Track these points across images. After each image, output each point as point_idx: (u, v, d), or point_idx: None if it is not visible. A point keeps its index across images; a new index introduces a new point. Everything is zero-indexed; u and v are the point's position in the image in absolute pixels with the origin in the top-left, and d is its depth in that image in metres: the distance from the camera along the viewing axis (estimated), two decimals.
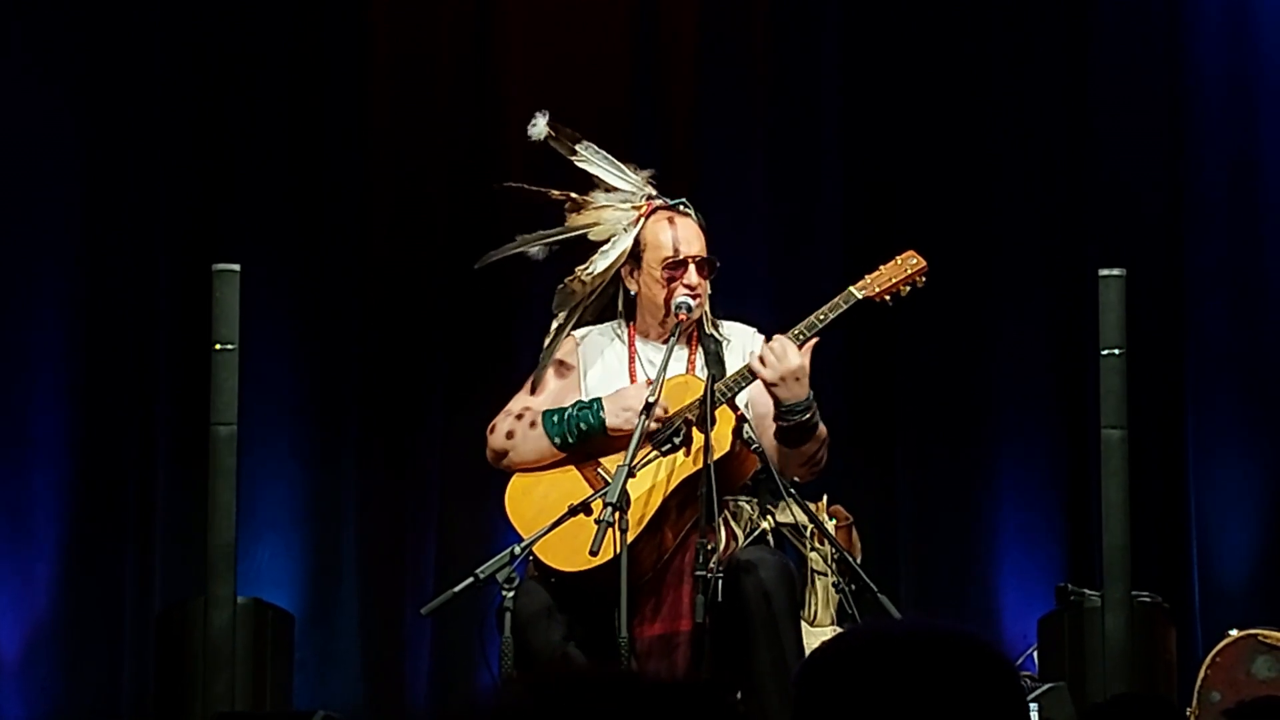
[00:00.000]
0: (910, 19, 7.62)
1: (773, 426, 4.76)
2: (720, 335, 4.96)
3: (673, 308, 4.87)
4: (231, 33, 7.44)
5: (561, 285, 5.07)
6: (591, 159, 5.07)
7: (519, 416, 4.89)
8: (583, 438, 4.80)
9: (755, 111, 7.64)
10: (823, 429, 4.76)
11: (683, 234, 4.96)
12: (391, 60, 7.57)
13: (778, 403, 4.67)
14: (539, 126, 5.08)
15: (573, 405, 4.84)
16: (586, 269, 5.03)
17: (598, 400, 4.81)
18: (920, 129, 7.59)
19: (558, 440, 4.81)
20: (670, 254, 4.93)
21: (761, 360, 4.66)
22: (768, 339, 4.80)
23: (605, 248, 5.03)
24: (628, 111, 7.54)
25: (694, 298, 4.89)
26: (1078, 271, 7.27)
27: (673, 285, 4.91)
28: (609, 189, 5.06)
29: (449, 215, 7.51)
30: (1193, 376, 7.46)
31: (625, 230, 5.02)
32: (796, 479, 4.83)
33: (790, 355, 4.64)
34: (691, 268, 4.92)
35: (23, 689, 7.08)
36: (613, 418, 4.76)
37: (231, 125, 7.43)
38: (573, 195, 5.07)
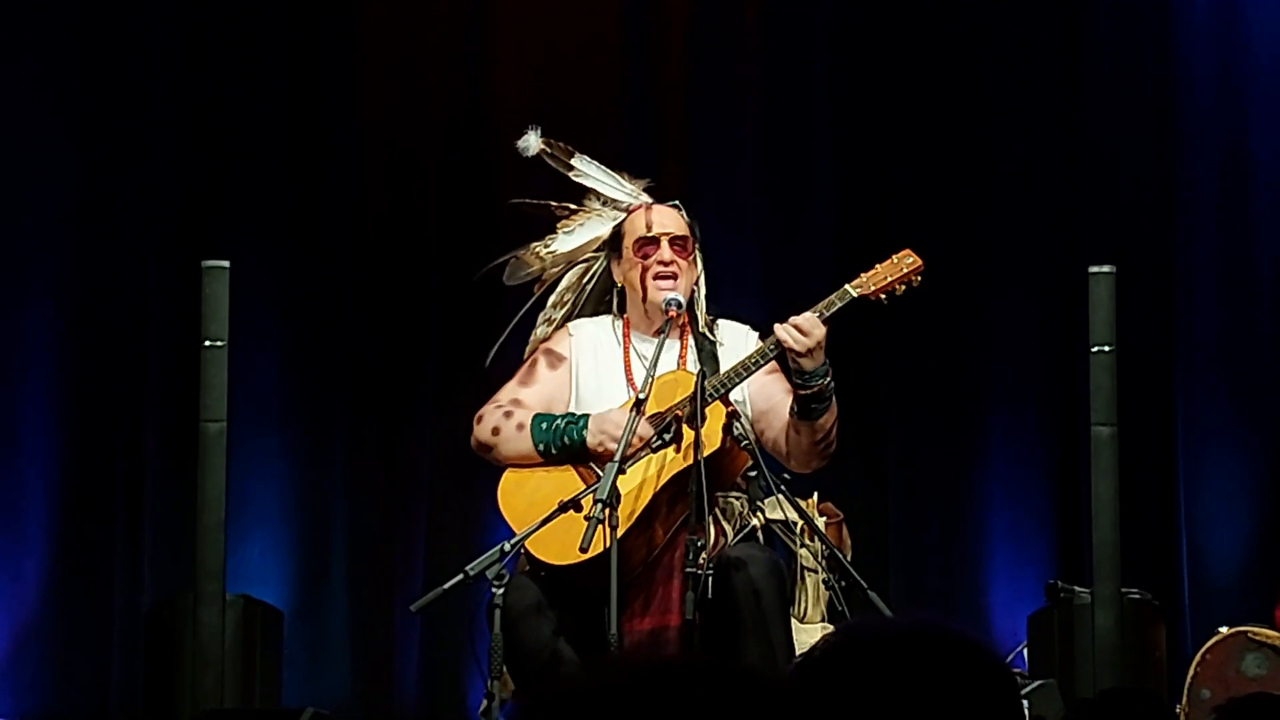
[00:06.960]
0: (902, 15, 7.62)
1: (782, 420, 4.77)
2: (714, 335, 4.94)
3: (661, 305, 4.84)
4: (225, 29, 7.43)
5: (515, 257, 5.06)
6: (587, 172, 5.07)
7: (508, 414, 4.87)
8: (565, 451, 4.79)
9: (746, 108, 7.63)
10: (835, 404, 4.76)
11: (658, 217, 4.96)
12: (384, 55, 7.56)
13: (800, 371, 4.66)
14: (531, 143, 5.06)
15: (562, 418, 4.82)
16: (546, 246, 5.03)
17: (585, 417, 4.79)
18: (912, 125, 7.59)
19: (541, 448, 4.80)
20: (644, 233, 4.92)
21: (795, 330, 4.66)
22: (762, 336, 4.80)
23: (569, 228, 5.03)
24: (618, 111, 7.53)
25: (669, 278, 4.87)
26: (1068, 268, 7.27)
27: (646, 264, 4.90)
28: (605, 200, 5.05)
29: (440, 212, 7.51)
30: (1182, 373, 7.46)
31: (603, 221, 5.02)
32: (812, 468, 4.83)
33: (817, 327, 4.66)
34: (664, 243, 4.90)
35: (11, 686, 7.07)
36: (591, 438, 4.74)
37: (224, 121, 7.42)
38: (571, 206, 5.07)
